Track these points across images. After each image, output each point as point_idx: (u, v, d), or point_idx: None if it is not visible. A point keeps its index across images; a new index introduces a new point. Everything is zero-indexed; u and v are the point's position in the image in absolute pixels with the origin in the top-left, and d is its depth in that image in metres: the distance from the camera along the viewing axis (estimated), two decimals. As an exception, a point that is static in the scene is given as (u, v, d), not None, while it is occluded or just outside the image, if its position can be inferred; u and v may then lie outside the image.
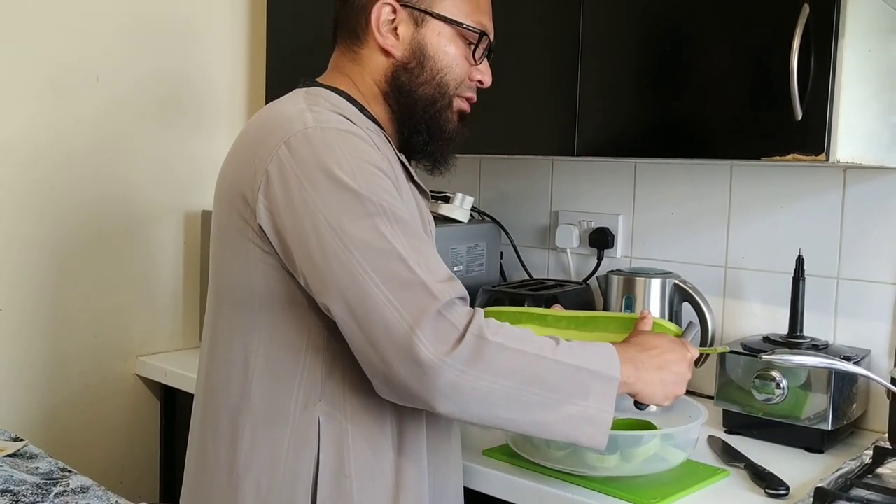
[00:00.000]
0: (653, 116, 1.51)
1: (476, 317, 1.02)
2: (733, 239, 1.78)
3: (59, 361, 1.99)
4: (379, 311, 1.00)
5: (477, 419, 1.04)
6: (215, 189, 1.19)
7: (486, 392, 1.00)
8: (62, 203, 1.96)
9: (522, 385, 1.02)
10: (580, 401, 1.04)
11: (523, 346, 1.03)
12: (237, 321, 1.14)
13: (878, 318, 1.61)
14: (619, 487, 1.27)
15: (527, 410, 1.03)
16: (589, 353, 1.07)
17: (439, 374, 0.98)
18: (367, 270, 1.01)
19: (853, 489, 1.27)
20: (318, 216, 1.03)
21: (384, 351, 1.00)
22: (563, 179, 2.04)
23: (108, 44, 2.01)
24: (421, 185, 1.25)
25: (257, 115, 1.18)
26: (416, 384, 0.99)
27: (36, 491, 1.36)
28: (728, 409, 1.56)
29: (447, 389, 0.99)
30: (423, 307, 0.99)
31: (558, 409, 1.04)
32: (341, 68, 1.24)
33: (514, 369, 1.01)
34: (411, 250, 1.03)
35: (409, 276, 1.01)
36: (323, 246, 1.02)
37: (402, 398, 1.03)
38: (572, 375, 1.04)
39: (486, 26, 1.24)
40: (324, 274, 1.03)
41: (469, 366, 0.99)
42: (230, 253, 1.13)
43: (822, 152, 1.29)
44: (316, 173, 1.04)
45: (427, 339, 0.98)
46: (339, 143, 1.06)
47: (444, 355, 0.98)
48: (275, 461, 1.11)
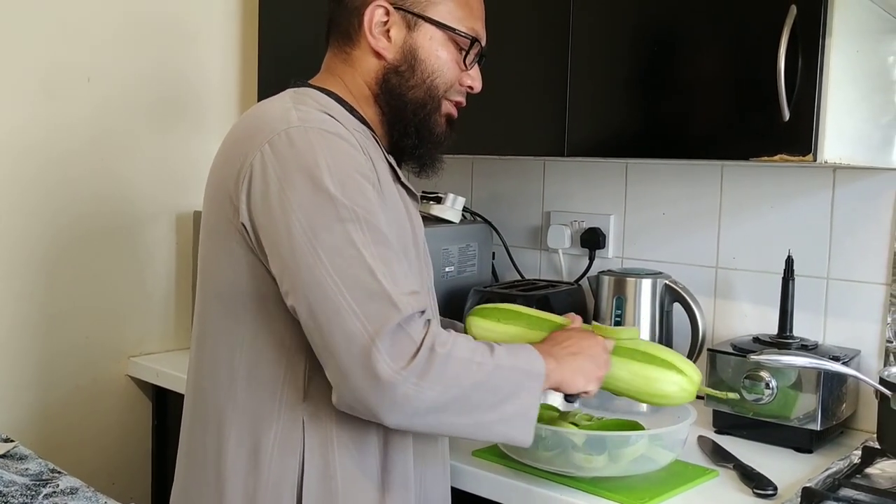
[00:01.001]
0: (642, 117, 1.51)
1: (430, 329, 1.03)
2: (724, 239, 1.78)
3: (51, 362, 1.98)
4: (341, 320, 1.00)
5: (423, 428, 1.07)
6: (205, 188, 1.19)
7: (435, 402, 1.02)
8: (54, 203, 1.96)
9: (468, 392, 1.04)
10: (514, 399, 1.07)
11: (468, 354, 1.05)
12: (223, 321, 1.14)
13: (868, 318, 1.61)
14: (607, 488, 1.27)
15: (470, 414, 1.05)
16: (518, 354, 1.10)
17: (395, 388, 0.99)
18: (333, 277, 1.01)
19: (841, 489, 1.27)
20: (291, 217, 1.03)
21: (343, 359, 1.00)
22: (554, 180, 2.04)
23: (100, 44, 2.00)
24: (409, 187, 1.25)
25: (245, 115, 1.18)
26: (370, 396, 1.00)
27: (25, 492, 1.36)
28: (718, 410, 1.57)
29: (401, 402, 1.00)
30: (386, 319, 0.99)
31: (495, 410, 1.06)
32: (333, 69, 1.24)
33: (461, 377, 1.03)
34: (379, 260, 1.03)
35: (374, 287, 1.01)
36: (293, 247, 1.03)
37: (353, 407, 1.03)
38: (508, 376, 1.07)
39: (479, 32, 1.24)
40: (292, 276, 1.03)
41: (422, 378, 1.00)
42: (217, 252, 1.14)
43: (810, 153, 1.29)
44: (294, 174, 1.04)
45: (386, 353, 0.99)
46: (321, 144, 1.06)
47: (402, 369, 0.99)
48: (260, 462, 1.11)
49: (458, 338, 1.05)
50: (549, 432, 1.27)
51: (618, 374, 1.23)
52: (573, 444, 1.25)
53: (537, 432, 1.26)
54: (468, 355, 1.04)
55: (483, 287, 1.88)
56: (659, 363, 1.23)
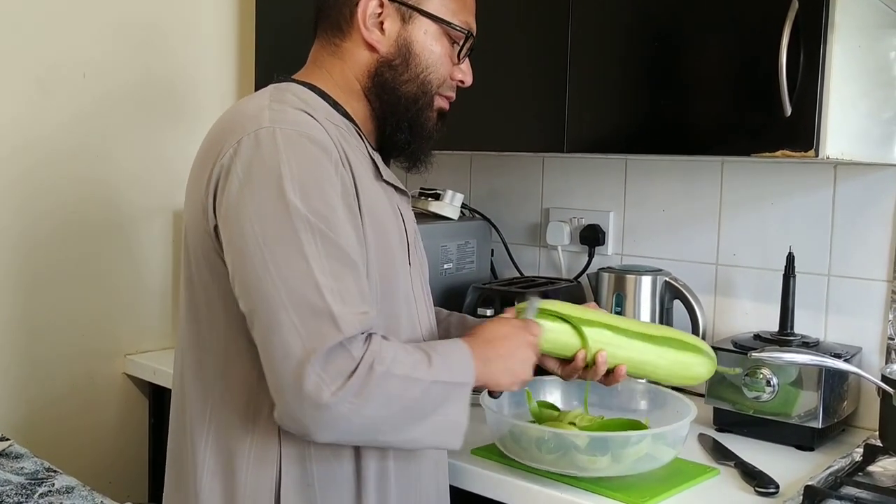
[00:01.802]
0: (643, 113, 1.50)
1: (370, 347, 1.00)
2: (724, 236, 1.77)
3: (47, 360, 1.97)
4: (281, 334, 0.97)
5: (356, 443, 1.06)
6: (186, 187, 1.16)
7: (369, 420, 1.00)
8: (49, 201, 1.95)
9: (401, 408, 1.02)
10: (443, 409, 1.06)
11: (407, 370, 1.02)
12: (198, 323, 1.12)
13: (869, 315, 1.60)
14: (608, 487, 1.26)
15: (402, 430, 1.04)
16: (452, 364, 1.08)
17: (328, 408, 0.96)
18: (279, 288, 0.98)
19: (843, 487, 1.27)
20: (246, 222, 1.00)
21: (278, 372, 0.98)
22: (553, 176, 2.03)
23: (96, 41, 1.99)
24: (396, 184, 1.21)
25: (224, 113, 1.16)
26: (300, 413, 0.98)
27: (20, 491, 1.34)
28: (718, 407, 1.56)
29: (332, 422, 0.98)
30: (324, 338, 0.97)
31: (427, 421, 1.05)
32: (320, 62, 1.21)
33: (396, 395, 1.01)
34: (330, 276, 0.99)
35: (318, 304, 0.98)
36: (244, 253, 1.00)
37: (284, 423, 1.01)
38: (438, 390, 1.05)
39: (472, 26, 1.22)
40: (241, 281, 1.02)
41: (357, 397, 0.97)
42: (193, 253, 1.11)
43: (812, 148, 1.28)
44: (257, 178, 1.01)
45: (321, 371, 0.96)
46: (289, 148, 1.02)
47: (337, 390, 0.96)
48: (237, 473, 1.09)
49: (398, 353, 1.02)
50: (550, 435, 1.26)
51: (657, 363, 1.25)
52: (576, 445, 1.24)
53: (540, 435, 1.26)
54: (407, 371, 1.02)
55: (482, 284, 1.87)
56: (691, 349, 1.28)
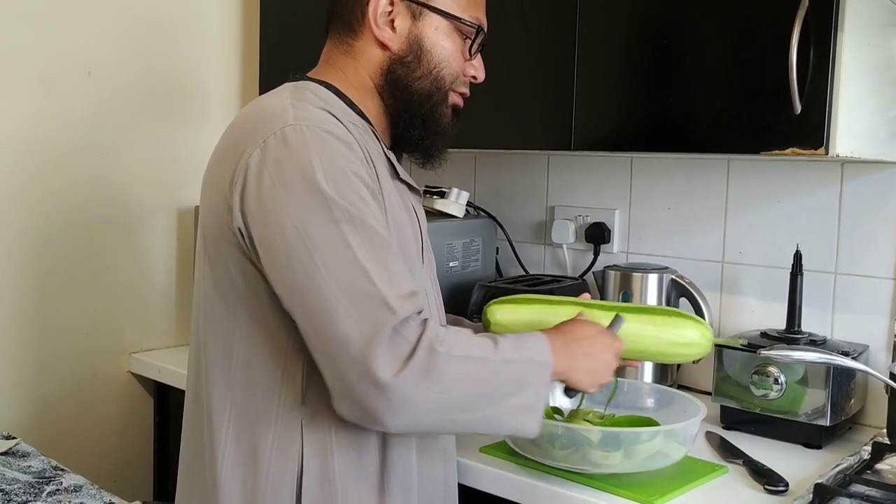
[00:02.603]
0: (650, 110, 1.50)
1: (427, 330, 1.01)
2: (730, 234, 1.77)
3: (52, 358, 1.97)
4: (336, 323, 0.98)
5: (427, 429, 1.06)
6: (202, 185, 1.17)
7: (437, 402, 1.00)
8: (53, 198, 1.94)
9: (471, 389, 1.02)
10: (520, 392, 1.06)
11: (469, 351, 1.03)
12: (219, 320, 1.12)
13: (876, 312, 1.60)
14: (618, 484, 1.26)
15: (474, 411, 1.04)
16: (525, 345, 1.09)
17: (394, 391, 0.97)
18: (327, 280, 0.99)
19: (852, 485, 1.27)
20: (285, 218, 1.01)
21: (340, 363, 0.98)
22: (558, 174, 2.03)
23: (101, 39, 1.99)
24: (410, 182, 1.22)
25: (243, 111, 1.16)
26: (370, 401, 0.98)
27: (28, 490, 1.34)
28: (726, 405, 1.56)
29: (400, 405, 0.98)
30: (381, 322, 0.97)
31: (501, 403, 1.05)
32: (333, 61, 1.21)
33: (463, 376, 1.01)
34: (375, 262, 1.00)
35: (369, 289, 0.99)
36: (287, 249, 1.01)
37: (352, 412, 1.01)
38: (512, 370, 1.06)
39: (482, 21, 1.23)
40: (286, 278, 1.02)
41: (422, 379, 0.98)
42: (213, 251, 1.12)
43: (822, 146, 1.28)
44: (289, 174, 1.02)
45: (382, 356, 0.97)
46: (317, 143, 1.03)
47: (399, 372, 0.97)
48: (258, 465, 1.09)
49: (458, 335, 1.03)
50: (563, 430, 1.26)
51: (644, 331, 1.26)
52: (589, 441, 1.24)
53: (552, 430, 1.26)
54: (468, 352, 1.03)
55: (487, 282, 1.87)
56: (678, 314, 1.30)
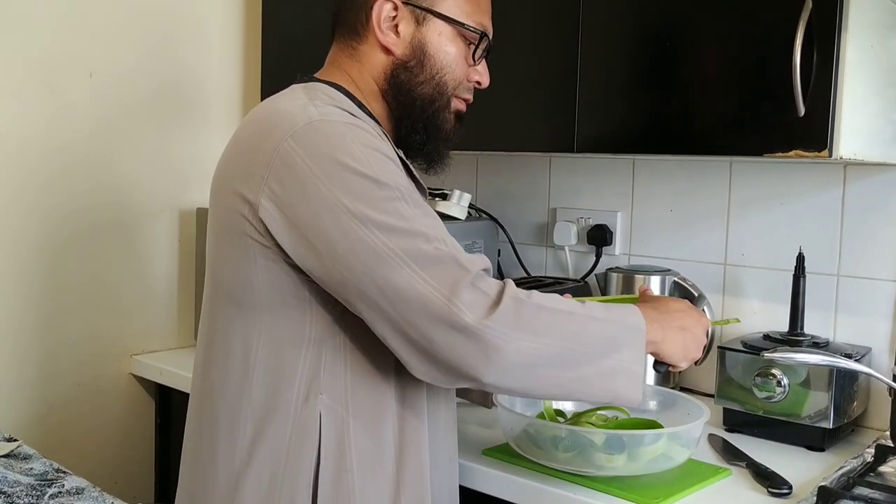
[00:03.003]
0: (653, 112, 1.50)
1: (508, 283, 1.03)
2: (732, 236, 1.77)
3: (53, 360, 1.96)
4: (413, 288, 1.00)
5: (520, 384, 1.04)
6: (211, 186, 1.17)
7: (529, 353, 1.01)
8: (55, 200, 1.94)
9: (562, 342, 1.03)
10: (615, 354, 1.05)
11: (556, 304, 1.05)
12: (236, 318, 1.12)
13: (879, 315, 1.60)
14: (621, 487, 1.26)
15: (567, 367, 1.04)
16: (615, 310, 1.09)
17: (483, 338, 0.98)
18: (395, 251, 1.01)
19: (856, 488, 1.26)
20: (336, 206, 1.02)
21: (424, 326, 1.00)
22: (561, 176, 2.03)
23: (102, 39, 1.98)
24: (420, 180, 1.23)
25: (254, 113, 1.16)
26: (462, 353, 0.99)
27: (30, 492, 1.34)
28: (728, 408, 1.56)
29: (493, 354, 0.99)
30: (457, 278, 1.00)
31: (596, 363, 1.05)
32: (339, 64, 1.22)
33: (553, 327, 1.02)
34: (432, 228, 1.04)
35: (437, 252, 1.01)
36: (346, 234, 1.02)
37: (446, 373, 1.02)
38: (605, 329, 1.06)
39: (487, 27, 1.23)
40: (350, 261, 1.02)
41: (511, 328, 0.99)
42: (227, 250, 1.12)
43: (825, 148, 1.28)
44: (328, 164, 1.03)
45: (466, 307, 0.98)
46: (347, 133, 1.06)
47: (486, 319, 0.98)
48: (276, 456, 1.10)
49: (541, 293, 1.05)
50: (567, 432, 1.26)
51: None
52: (592, 443, 1.23)
53: (555, 433, 1.26)
54: (556, 305, 1.04)
55: (489, 284, 1.86)
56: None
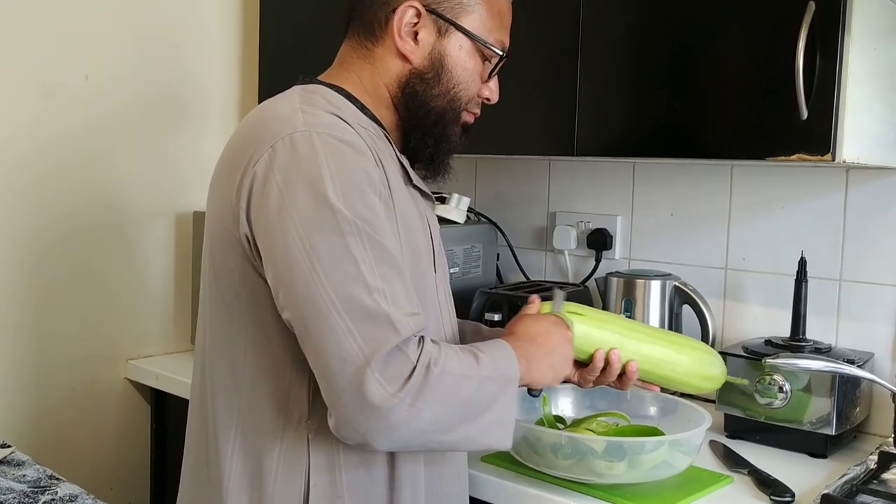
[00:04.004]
0: (654, 116, 1.48)
1: (425, 347, 0.99)
2: (734, 240, 1.76)
3: (48, 365, 1.95)
4: (336, 339, 0.95)
5: (412, 449, 1.05)
6: (208, 191, 1.16)
7: (427, 422, 0.98)
8: (51, 203, 1.93)
9: (454, 407, 1.00)
10: (493, 407, 1.04)
11: (459, 368, 1.01)
12: (225, 332, 1.10)
13: (882, 320, 1.59)
14: (622, 495, 1.24)
15: (455, 429, 1.02)
16: (498, 361, 1.06)
17: (389, 413, 0.95)
18: (329, 294, 0.96)
19: (859, 495, 1.25)
20: (289, 228, 0.98)
21: (336, 380, 0.96)
22: (560, 180, 2.01)
23: (98, 41, 1.97)
24: (423, 188, 1.20)
25: (250, 116, 1.14)
26: (361, 420, 0.95)
27: (23, 499, 1.32)
28: (730, 414, 1.54)
29: (393, 426, 0.96)
30: (382, 340, 0.95)
31: (477, 420, 1.03)
32: (349, 64, 1.18)
33: (451, 395, 0.99)
34: (380, 278, 0.98)
35: (372, 306, 0.96)
36: (289, 260, 0.98)
37: (342, 431, 0.98)
38: (489, 387, 1.04)
39: (506, 44, 1.20)
40: (287, 289, 0.99)
41: (416, 398, 0.96)
42: (220, 258, 1.09)
43: (829, 152, 1.27)
44: (296, 183, 0.99)
45: (381, 376, 0.94)
46: (326, 151, 1.01)
47: (396, 392, 0.95)
48: (264, 481, 1.07)
49: (448, 352, 1.01)
50: (567, 440, 1.25)
51: (678, 360, 1.27)
52: (592, 450, 1.22)
53: (556, 440, 1.25)
54: (460, 370, 1.01)
55: (488, 289, 1.85)
56: (703, 349, 1.32)
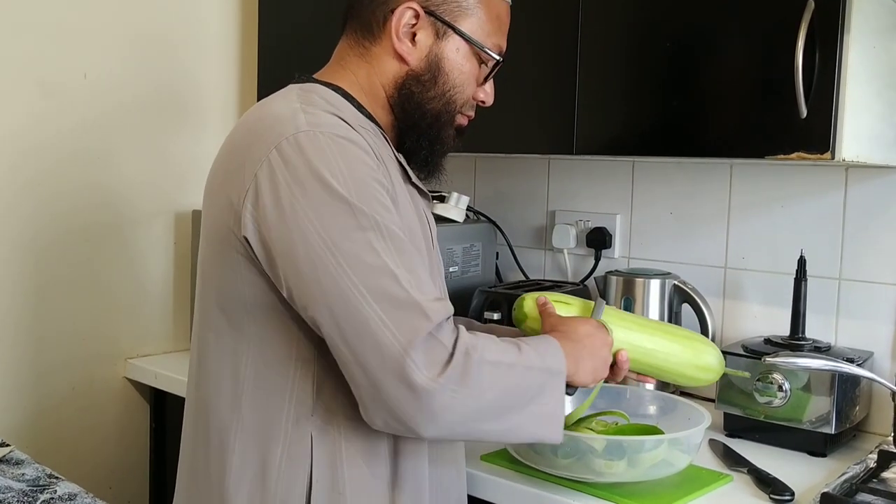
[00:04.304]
0: (653, 115, 1.48)
1: (461, 334, 1.00)
2: (733, 239, 1.76)
3: (47, 364, 1.95)
4: (370, 331, 0.96)
5: (459, 437, 1.05)
6: (204, 191, 1.15)
7: (470, 410, 0.99)
8: (50, 203, 1.92)
9: (501, 396, 1.01)
10: (540, 399, 1.05)
11: (501, 356, 1.02)
12: (226, 331, 1.10)
13: (881, 319, 1.59)
14: (621, 493, 1.24)
15: (502, 418, 1.03)
16: (544, 352, 1.08)
17: (432, 397, 0.96)
18: (358, 287, 0.97)
19: (858, 494, 1.25)
20: (308, 227, 0.98)
21: (375, 372, 0.96)
22: (559, 179, 2.01)
23: (97, 40, 1.97)
24: (420, 186, 1.21)
25: (247, 115, 1.13)
26: (407, 408, 0.96)
27: (22, 498, 1.32)
28: (729, 412, 1.54)
29: (438, 412, 0.97)
30: (416, 328, 0.96)
31: (524, 411, 1.04)
32: (345, 62, 1.18)
33: (495, 382, 1.01)
34: (404, 268, 0.99)
35: (402, 295, 0.97)
36: (312, 259, 0.98)
37: (387, 422, 0.99)
38: (534, 377, 1.05)
39: (503, 48, 1.20)
40: (312, 288, 0.99)
41: (459, 385, 0.97)
42: (217, 259, 1.09)
43: (828, 151, 1.27)
44: (307, 182, 0.99)
45: (420, 362, 0.95)
46: (333, 149, 1.01)
47: (437, 377, 0.96)
48: (266, 478, 1.07)
49: (486, 341, 1.02)
50: (567, 438, 1.24)
51: (671, 349, 1.28)
52: (592, 449, 1.22)
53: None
54: (499, 357, 1.02)
55: (488, 287, 1.85)
56: (699, 339, 1.33)
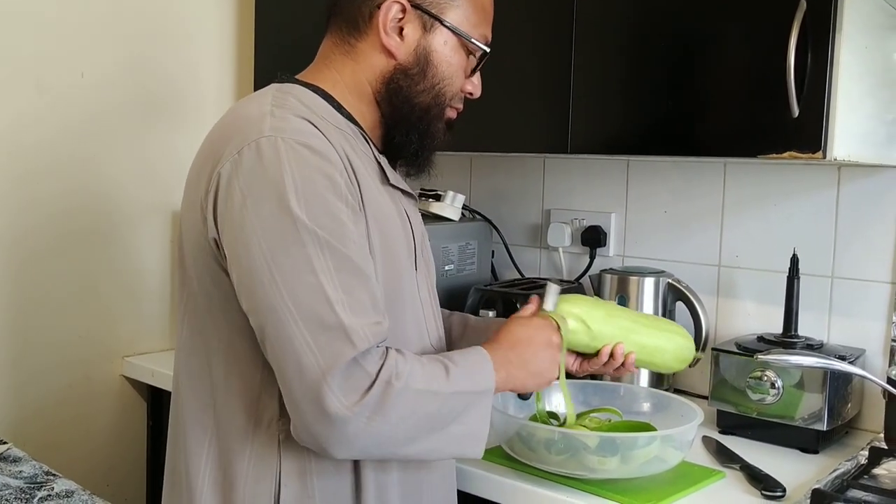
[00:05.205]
0: (647, 114, 1.49)
1: (388, 362, 0.99)
2: (727, 238, 1.77)
3: (44, 362, 1.95)
4: (294, 350, 0.96)
5: (376, 458, 1.06)
6: (184, 189, 1.14)
7: (387, 436, 0.99)
8: (47, 201, 1.93)
9: (418, 421, 1.01)
10: (463, 418, 1.05)
11: (425, 384, 1.01)
12: (198, 331, 1.10)
13: (873, 316, 1.60)
14: (614, 490, 1.25)
15: (423, 441, 1.02)
16: (472, 373, 1.07)
17: (346, 424, 0.96)
18: (288, 305, 0.96)
19: (850, 490, 1.26)
20: (251, 236, 0.98)
21: (294, 392, 0.97)
22: (555, 177, 2.02)
23: (94, 39, 1.97)
24: (403, 187, 1.19)
25: (225, 115, 1.12)
26: (321, 430, 0.96)
27: (20, 495, 1.33)
28: (722, 410, 1.55)
29: (352, 438, 0.97)
30: (340, 353, 0.95)
31: (445, 431, 1.04)
32: (330, 60, 1.16)
33: (416, 409, 1.00)
34: (340, 289, 0.97)
35: (329, 319, 0.96)
36: (251, 268, 0.98)
37: (305, 440, 0.99)
38: (459, 400, 1.04)
39: (489, 39, 1.20)
40: (249, 296, 1.00)
41: (375, 413, 0.97)
42: (190, 260, 1.09)
43: (820, 150, 1.28)
44: (259, 190, 0.99)
45: (337, 388, 0.95)
46: (291, 157, 0.99)
47: (353, 405, 0.95)
48: (235, 482, 1.07)
49: (414, 366, 1.01)
50: (560, 435, 1.25)
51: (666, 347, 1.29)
52: (585, 446, 1.23)
53: (549, 436, 1.25)
54: (424, 385, 1.01)
55: (483, 286, 1.86)
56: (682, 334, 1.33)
